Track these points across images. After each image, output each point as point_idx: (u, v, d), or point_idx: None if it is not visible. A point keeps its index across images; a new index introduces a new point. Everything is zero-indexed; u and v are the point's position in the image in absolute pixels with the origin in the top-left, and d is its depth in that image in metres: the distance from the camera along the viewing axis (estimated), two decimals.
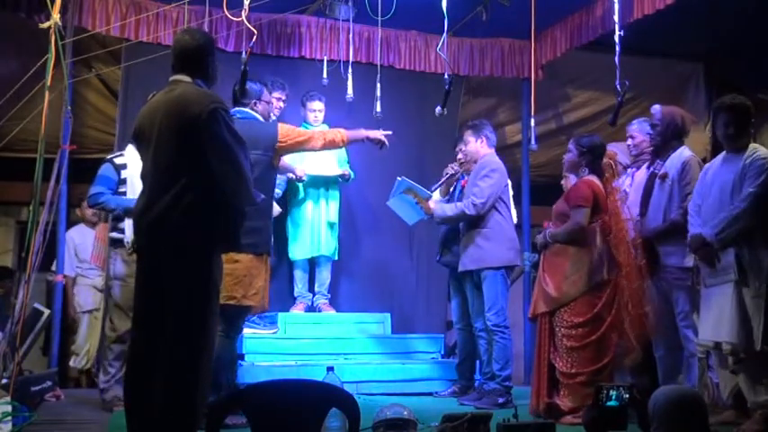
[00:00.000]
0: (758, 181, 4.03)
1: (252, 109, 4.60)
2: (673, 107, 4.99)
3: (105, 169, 4.87)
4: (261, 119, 4.65)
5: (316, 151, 4.93)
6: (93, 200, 4.80)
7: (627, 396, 3.48)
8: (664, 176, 4.70)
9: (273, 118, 5.70)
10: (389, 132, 5.00)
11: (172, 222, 3.17)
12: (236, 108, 4.57)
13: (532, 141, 5.64)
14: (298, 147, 4.66)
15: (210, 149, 3.19)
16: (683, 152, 4.73)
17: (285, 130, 4.57)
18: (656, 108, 4.87)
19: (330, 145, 4.78)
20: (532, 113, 5.65)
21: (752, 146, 4.18)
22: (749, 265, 4.03)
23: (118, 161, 4.87)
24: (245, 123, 4.41)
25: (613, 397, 3.46)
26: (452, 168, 5.78)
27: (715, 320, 4.11)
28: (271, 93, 5.74)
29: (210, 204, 3.20)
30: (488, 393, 5.25)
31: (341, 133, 4.80)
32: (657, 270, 4.65)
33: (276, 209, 5.36)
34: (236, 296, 4.22)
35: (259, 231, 4.27)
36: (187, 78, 3.35)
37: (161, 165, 3.24)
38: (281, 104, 6.13)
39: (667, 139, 4.78)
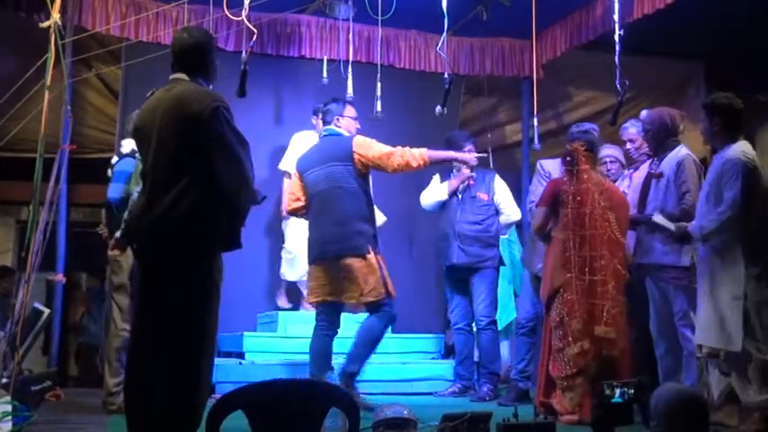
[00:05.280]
0: (737, 184, 4.03)
1: (335, 126, 4.88)
2: (661, 108, 5.00)
3: (129, 164, 4.67)
4: (345, 134, 4.86)
5: (392, 171, 4.79)
6: (116, 202, 4.60)
7: (631, 392, 3.49)
8: (659, 176, 4.71)
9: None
10: (483, 155, 4.99)
11: (173, 222, 3.14)
12: (324, 128, 4.98)
13: (535, 141, 5.64)
14: (377, 161, 4.71)
15: (212, 148, 3.15)
16: (680, 151, 4.71)
17: (361, 142, 4.74)
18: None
19: (407, 168, 4.72)
20: (534, 113, 5.64)
21: (733, 145, 4.16)
22: (727, 268, 4.06)
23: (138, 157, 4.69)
24: (325, 140, 4.88)
25: (618, 394, 3.47)
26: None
27: (699, 323, 4.19)
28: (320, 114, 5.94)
29: (212, 204, 3.17)
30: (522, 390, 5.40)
31: (422, 154, 4.72)
32: (653, 269, 4.65)
33: (381, 217, 5.54)
34: (356, 295, 4.59)
35: (361, 233, 4.63)
36: (187, 77, 3.32)
37: (161, 164, 3.20)
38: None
39: (660, 139, 4.78)
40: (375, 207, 5.00)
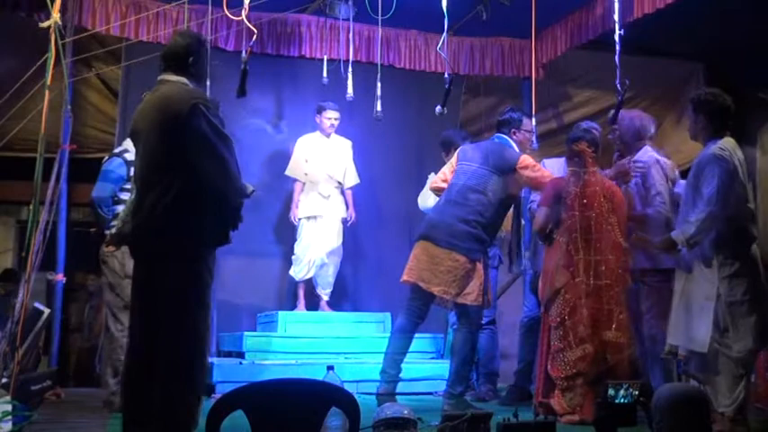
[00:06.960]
0: (713, 181, 3.96)
1: (509, 136, 4.88)
2: (633, 111, 5.12)
3: (115, 164, 4.69)
4: (515, 146, 4.85)
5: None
6: (100, 201, 4.64)
7: (636, 393, 3.49)
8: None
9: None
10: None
11: (159, 221, 3.16)
12: (497, 134, 4.94)
13: (533, 141, 5.63)
14: (535, 184, 4.75)
15: (193, 145, 3.17)
16: (645, 154, 4.75)
17: (525, 160, 4.72)
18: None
19: None
20: (533, 112, 5.64)
21: (715, 142, 4.08)
22: (700, 269, 4.04)
23: (128, 157, 4.62)
24: (495, 144, 4.88)
25: (622, 394, 3.47)
26: None
27: (670, 322, 4.18)
28: (323, 111, 6.17)
29: (198, 202, 3.18)
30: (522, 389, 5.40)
31: None
32: (638, 274, 4.64)
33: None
34: (452, 292, 4.52)
35: (479, 241, 4.60)
36: (173, 77, 3.34)
37: (149, 164, 3.25)
38: (335, 122, 6.45)
39: (627, 142, 4.84)
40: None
